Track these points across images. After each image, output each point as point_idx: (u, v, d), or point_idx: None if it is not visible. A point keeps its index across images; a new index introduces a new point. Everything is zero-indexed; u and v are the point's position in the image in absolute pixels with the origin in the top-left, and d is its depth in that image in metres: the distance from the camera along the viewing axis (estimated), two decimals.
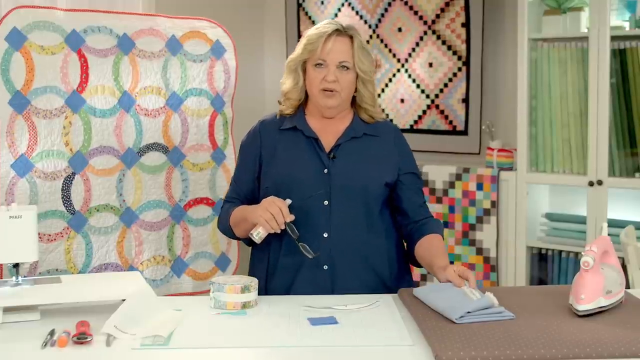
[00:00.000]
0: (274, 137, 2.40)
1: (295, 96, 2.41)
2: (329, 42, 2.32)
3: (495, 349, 1.69)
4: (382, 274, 2.36)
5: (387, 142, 2.43)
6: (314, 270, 2.30)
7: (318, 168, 2.33)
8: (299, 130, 2.38)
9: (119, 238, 2.76)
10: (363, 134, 2.40)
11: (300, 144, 2.37)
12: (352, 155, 2.36)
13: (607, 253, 2.05)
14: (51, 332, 1.86)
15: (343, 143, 2.37)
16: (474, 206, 4.02)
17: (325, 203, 2.31)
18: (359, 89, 2.39)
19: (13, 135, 2.55)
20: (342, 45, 2.34)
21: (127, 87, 2.76)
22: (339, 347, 1.80)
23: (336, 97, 2.35)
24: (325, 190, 2.31)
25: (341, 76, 2.33)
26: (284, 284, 2.32)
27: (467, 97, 4.22)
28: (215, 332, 1.91)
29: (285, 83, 2.43)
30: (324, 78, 2.32)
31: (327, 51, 2.32)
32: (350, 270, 2.31)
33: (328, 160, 2.34)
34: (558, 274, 3.90)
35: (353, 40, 2.35)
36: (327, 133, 2.39)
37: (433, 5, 4.28)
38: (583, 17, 3.77)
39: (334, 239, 2.30)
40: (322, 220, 2.30)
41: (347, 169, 2.34)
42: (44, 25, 2.60)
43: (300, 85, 2.39)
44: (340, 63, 2.33)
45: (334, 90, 2.33)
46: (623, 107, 3.63)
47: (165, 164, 2.85)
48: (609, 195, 3.64)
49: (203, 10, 3.78)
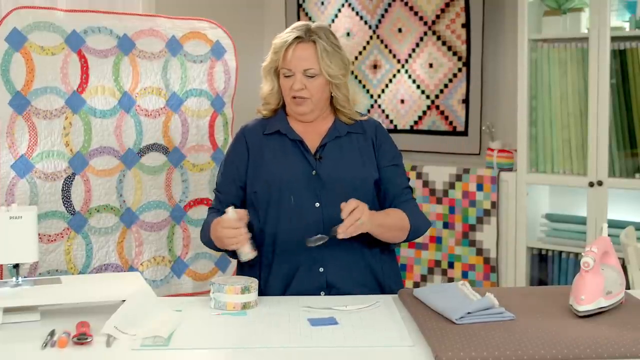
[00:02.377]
0: (260, 142, 2.38)
1: (273, 101, 2.41)
2: (289, 51, 2.30)
3: (496, 350, 1.69)
4: (375, 271, 2.36)
5: (371, 136, 2.42)
6: (309, 273, 2.30)
7: (306, 170, 2.32)
8: (283, 134, 2.37)
9: (119, 238, 2.76)
10: (347, 132, 2.39)
11: (286, 147, 2.36)
12: (338, 154, 2.35)
13: (607, 254, 2.05)
14: (51, 332, 1.86)
15: (328, 143, 2.36)
16: (474, 207, 4.02)
17: (316, 205, 2.31)
18: (333, 92, 2.37)
19: (13, 135, 2.55)
20: (305, 52, 2.30)
21: (127, 88, 2.76)
22: (339, 347, 1.80)
23: (307, 104, 2.33)
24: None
25: (309, 83, 2.31)
26: (280, 287, 2.32)
27: (467, 98, 4.23)
28: (215, 332, 1.91)
29: (263, 88, 2.43)
30: (292, 87, 2.32)
31: (289, 60, 2.30)
32: (345, 270, 2.31)
33: (315, 162, 2.34)
34: (558, 274, 3.90)
35: (316, 45, 2.30)
36: (310, 134, 2.38)
37: (433, 6, 4.28)
38: (583, 18, 3.77)
39: (330, 240, 2.29)
40: (315, 223, 2.30)
41: (334, 169, 2.33)
42: (44, 26, 2.60)
43: (276, 90, 2.39)
44: (306, 71, 2.30)
45: (303, 97, 2.32)
46: (623, 107, 3.63)
47: (165, 164, 2.85)
48: (609, 195, 3.64)
49: (203, 10, 3.78)
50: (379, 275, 2.37)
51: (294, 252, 2.29)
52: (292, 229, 2.28)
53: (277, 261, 2.32)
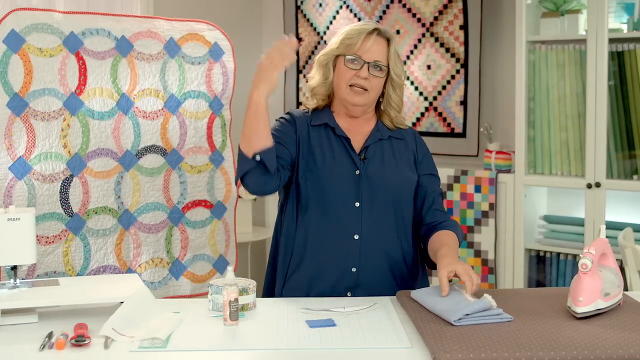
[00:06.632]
0: (306, 130, 2.37)
1: (323, 91, 2.39)
2: (368, 40, 2.32)
3: (493, 352, 1.69)
4: (405, 276, 2.36)
5: (411, 144, 2.43)
6: (341, 271, 2.29)
7: (350, 169, 2.33)
8: (329, 128, 2.37)
9: (117, 240, 2.76)
10: (389, 136, 2.40)
11: (332, 143, 2.36)
12: (381, 157, 2.36)
13: (605, 255, 2.05)
14: (49, 334, 1.86)
15: (371, 144, 2.37)
16: (472, 208, 4.03)
17: (356, 205, 2.31)
18: (388, 93, 2.39)
19: (11, 137, 2.54)
20: (380, 45, 2.33)
21: (126, 90, 2.76)
22: (337, 349, 1.80)
23: (364, 96, 2.33)
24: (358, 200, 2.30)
25: (372, 76, 2.32)
26: (304, 287, 2.31)
27: (465, 100, 4.23)
28: (213, 334, 1.91)
29: (314, 78, 2.41)
30: (357, 74, 2.31)
31: (365, 49, 2.31)
32: (377, 272, 2.31)
33: (360, 162, 2.34)
34: (556, 276, 3.90)
35: (390, 43, 2.35)
36: (354, 133, 2.38)
37: (431, 8, 4.28)
38: (581, 20, 3.78)
39: (365, 240, 2.29)
40: (353, 222, 2.30)
41: (378, 171, 2.33)
42: (42, 28, 2.60)
43: (330, 80, 2.37)
44: (376, 62, 2.31)
45: (363, 88, 2.33)
46: (621, 109, 3.63)
47: (163, 166, 2.85)
48: (607, 197, 3.64)
49: (201, 12, 3.79)
50: (406, 278, 2.36)
51: (325, 250, 2.28)
52: (329, 227, 2.26)
53: (307, 257, 2.30)
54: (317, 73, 2.40)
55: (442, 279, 2.06)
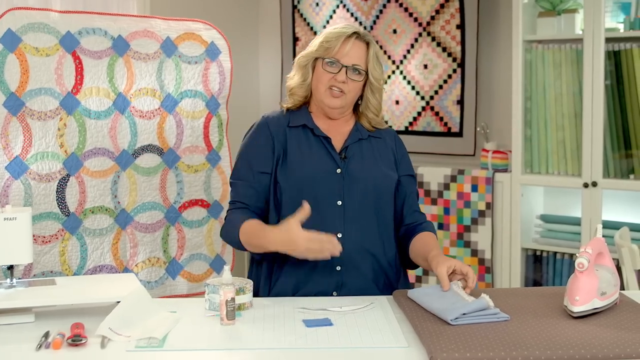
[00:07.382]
0: (283, 133, 2.37)
1: (301, 93, 2.40)
2: (347, 44, 2.32)
3: (490, 351, 1.70)
4: (389, 273, 2.37)
5: (390, 144, 2.45)
6: (327, 271, 2.29)
7: (331, 168, 2.33)
8: (308, 129, 2.37)
9: (114, 240, 2.76)
10: (368, 135, 2.41)
11: (310, 143, 2.36)
12: (361, 156, 2.37)
13: (602, 254, 2.05)
14: (46, 334, 1.85)
15: (351, 144, 2.38)
16: (469, 208, 4.03)
17: (339, 203, 2.31)
18: (367, 97, 2.39)
19: (7, 137, 2.54)
20: (359, 49, 2.34)
21: (122, 89, 2.76)
22: (333, 349, 1.80)
23: (342, 99, 2.34)
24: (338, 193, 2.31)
25: (350, 80, 2.32)
26: (292, 284, 2.30)
27: (462, 99, 4.23)
28: (210, 334, 1.91)
29: (293, 78, 2.42)
30: (334, 77, 2.31)
31: (344, 52, 2.32)
32: (362, 270, 2.31)
33: (340, 161, 2.34)
34: (553, 275, 3.91)
35: (369, 47, 2.35)
36: (334, 133, 2.39)
37: (428, 7, 4.28)
38: (577, 19, 3.78)
39: (348, 239, 2.29)
40: (335, 221, 2.30)
41: (359, 169, 2.34)
42: (38, 27, 2.60)
43: (308, 82, 2.38)
44: (354, 65, 2.32)
45: (341, 91, 2.33)
46: (617, 108, 3.64)
47: (160, 165, 2.85)
48: (604, 196, 3.64)
49: (198, 12, 3.79)
50: (391, 275, 2.37)
51: None
52: (312, 226, 2.26)
53: (292, 259, 2.28)
54: (296, 74, 2.41)
55: (442, 274, 2.09)
